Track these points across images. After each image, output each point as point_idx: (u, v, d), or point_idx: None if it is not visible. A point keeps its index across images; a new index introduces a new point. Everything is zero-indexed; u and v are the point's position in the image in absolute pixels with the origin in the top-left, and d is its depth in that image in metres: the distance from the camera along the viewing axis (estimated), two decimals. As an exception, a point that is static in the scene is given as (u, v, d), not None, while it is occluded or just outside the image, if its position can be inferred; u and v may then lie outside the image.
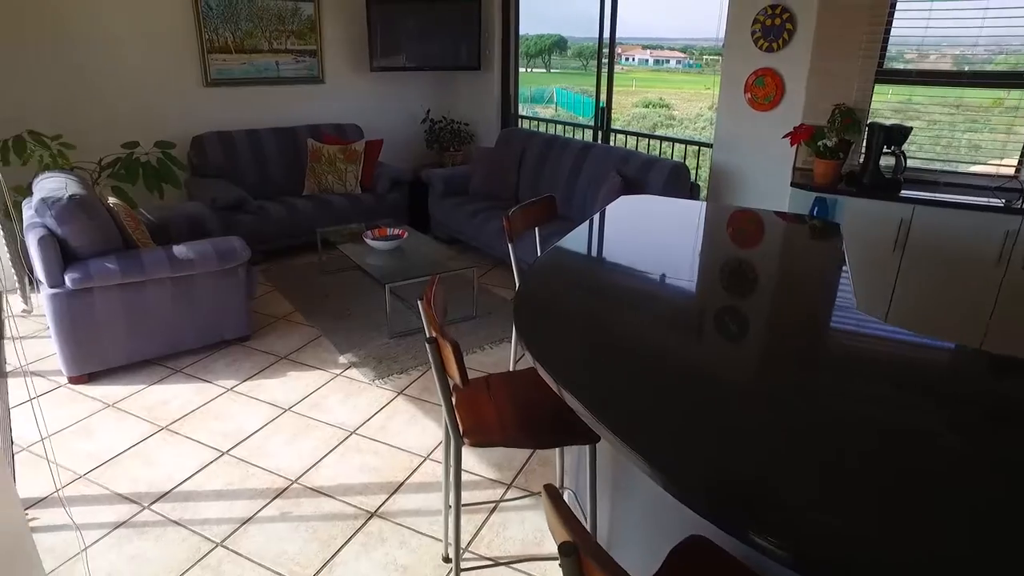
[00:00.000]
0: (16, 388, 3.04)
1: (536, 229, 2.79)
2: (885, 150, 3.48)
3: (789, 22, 3.77)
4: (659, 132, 11.92)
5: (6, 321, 3.67)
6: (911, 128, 3.43)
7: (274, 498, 2.39)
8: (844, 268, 2.13)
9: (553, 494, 1.04)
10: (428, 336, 1.62)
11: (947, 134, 3.67)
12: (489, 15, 5.55)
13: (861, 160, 3.66)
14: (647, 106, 13.62)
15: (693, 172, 4.35)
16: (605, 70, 4.96)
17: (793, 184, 3.61)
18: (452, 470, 1.80)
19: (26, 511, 2.30)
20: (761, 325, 1.75)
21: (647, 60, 15.96)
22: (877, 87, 3.72)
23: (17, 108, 4.05)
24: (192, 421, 2.82)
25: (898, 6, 3.54)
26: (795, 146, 3.79)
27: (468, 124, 6.04)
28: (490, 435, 1.76)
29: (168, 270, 3.03)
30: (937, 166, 3.69)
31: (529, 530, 2.26)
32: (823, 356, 1.58)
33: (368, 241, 3.96)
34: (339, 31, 5.38)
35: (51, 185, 3.01)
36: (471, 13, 5.47)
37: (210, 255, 3.13)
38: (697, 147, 4.71)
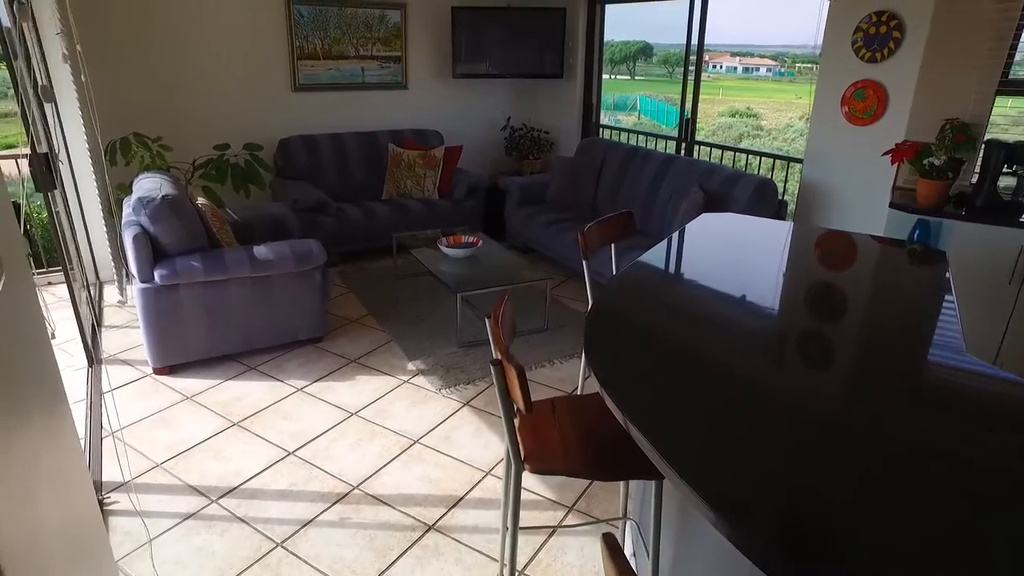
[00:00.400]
0: (108, 375, 3.21)
1: (612, 244, 2.69)
2: (1005, 170, 3.16)
3: (897, 30, 3.50)
4: (745, 142, 11.52)
5: (105, 310, 3.91)
6: (1040, 146, 3.10)
7: (335, 502, 2.41)
8: (948, 297, 1.93)
9: (611, 544, 0.96)
10: (493, 358, 1.57)
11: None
12: (573, 23, 5.49)
13: (974, 180, 3.35)
14: (733, 115, 13.17)
15: (780, 187, 4.12)
16: (691, 79, 4.79)
17: (892, 205, 3.34)
18: (511, 494, 1.74)
19: (108, 494, 2.42)
20: (850, 360, 1.60)
21: (735, 68, 15.49)
22: (997, 99, 3.40)
23: (125, 111, 4.30)
24: (263, 419, 2.89)
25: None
26: (896, 164, 3.51)
27: (548, 132, 5.99)
28: (552, 463, 1.69)
29: (248, 270, 3.13)
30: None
31: (588, 558, 2.17)
32: (922, 398, 1.41)
33: (442, 248, 3.97)
34: (424, 38, 5.46)
35: (147, 185, 3.17)
36: (555, 21, 5.42)
37: (288, 257, 3.21)
38: (786, 162, 4.47)
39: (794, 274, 2.25)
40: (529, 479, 2.52)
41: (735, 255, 2.44)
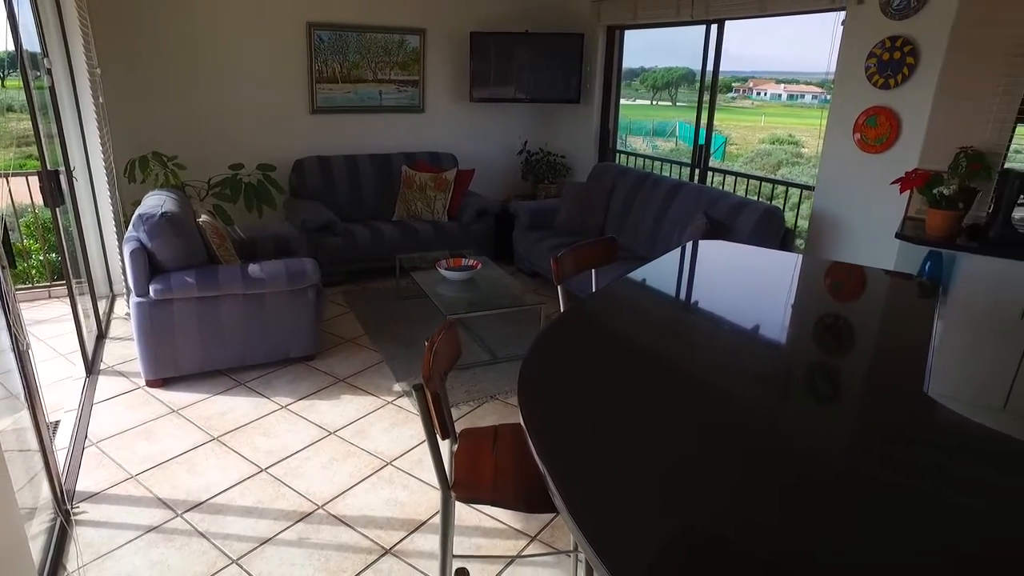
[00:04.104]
0: (103, 385, 3.30)
1: (593, 270, 2.64)
2: (1021, 200, 2.99)
3: (911, 55, 3.38)
4: (783, 169, 11.24)
5: (112, 322, 4.04)
6: (1057, 177, 2.93)
7: (297, 521, 2.40)
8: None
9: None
10: (416, 382, 1.55)
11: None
12: (592, 49, 5.49)
13: (989, 211, 3.17)
14: (774, 142, 12.95)
15: (793, 217, 3.99)
16: (706, 105, 4.72)
17: (899, 235, 3.19)
18: (443, 522, 1.70)
19: (79, 504, 2.47)
20: (801, 412, 1.51)
21: (780, 95, 15.32)
22: (1018, 128, 3.22)
23: (148, 131, 4.49)
24: (242, 435, 2.91)
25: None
26: (906, 193, 3.36)
27: (564, 157, 5.98)
28: (480, 492, 1.64)
29: (241, 287, 3.19)
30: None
31: (542, 594, 2.10)
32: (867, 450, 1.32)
33: (440, 270, 3.98)
34: (442, 62, 5.54)
35: (151, 202, 3.28)
36: (573, 47, 5.44)
37: (281, 275, 3.26)
38: (800, 190, 4.34)
39: (774, 309, 2.16)
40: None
41: (711, 285, 2.37)
